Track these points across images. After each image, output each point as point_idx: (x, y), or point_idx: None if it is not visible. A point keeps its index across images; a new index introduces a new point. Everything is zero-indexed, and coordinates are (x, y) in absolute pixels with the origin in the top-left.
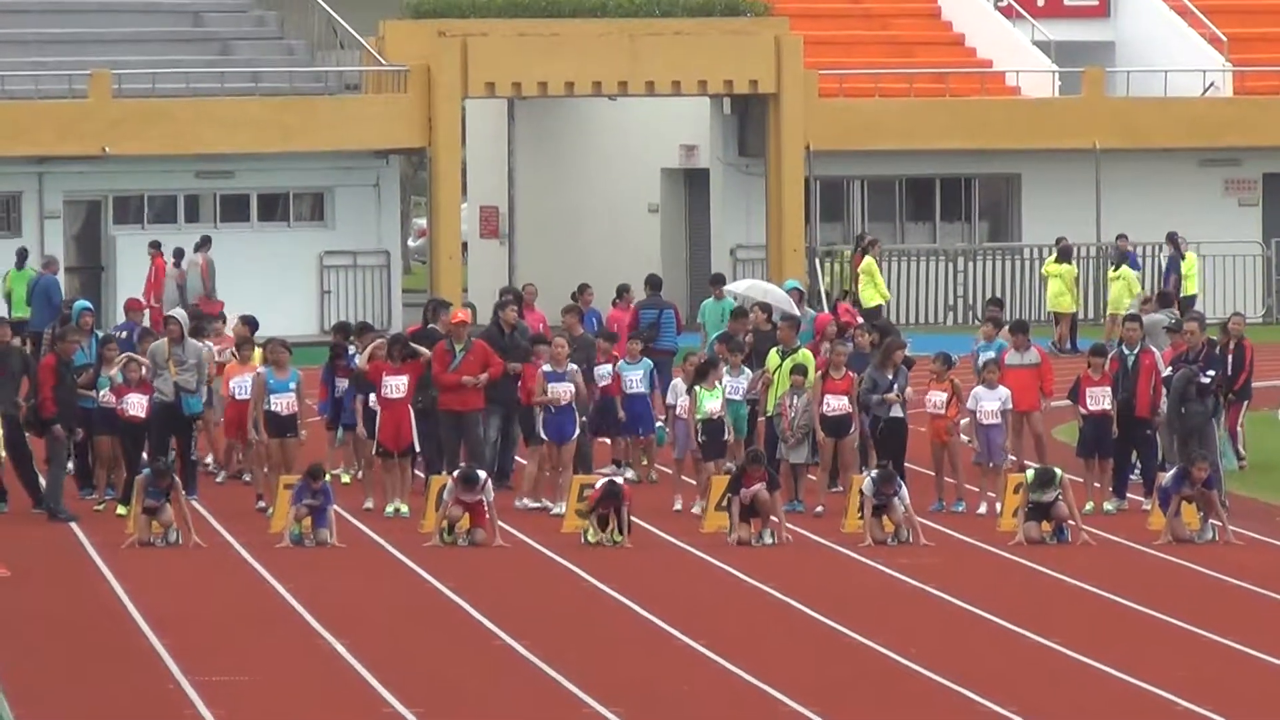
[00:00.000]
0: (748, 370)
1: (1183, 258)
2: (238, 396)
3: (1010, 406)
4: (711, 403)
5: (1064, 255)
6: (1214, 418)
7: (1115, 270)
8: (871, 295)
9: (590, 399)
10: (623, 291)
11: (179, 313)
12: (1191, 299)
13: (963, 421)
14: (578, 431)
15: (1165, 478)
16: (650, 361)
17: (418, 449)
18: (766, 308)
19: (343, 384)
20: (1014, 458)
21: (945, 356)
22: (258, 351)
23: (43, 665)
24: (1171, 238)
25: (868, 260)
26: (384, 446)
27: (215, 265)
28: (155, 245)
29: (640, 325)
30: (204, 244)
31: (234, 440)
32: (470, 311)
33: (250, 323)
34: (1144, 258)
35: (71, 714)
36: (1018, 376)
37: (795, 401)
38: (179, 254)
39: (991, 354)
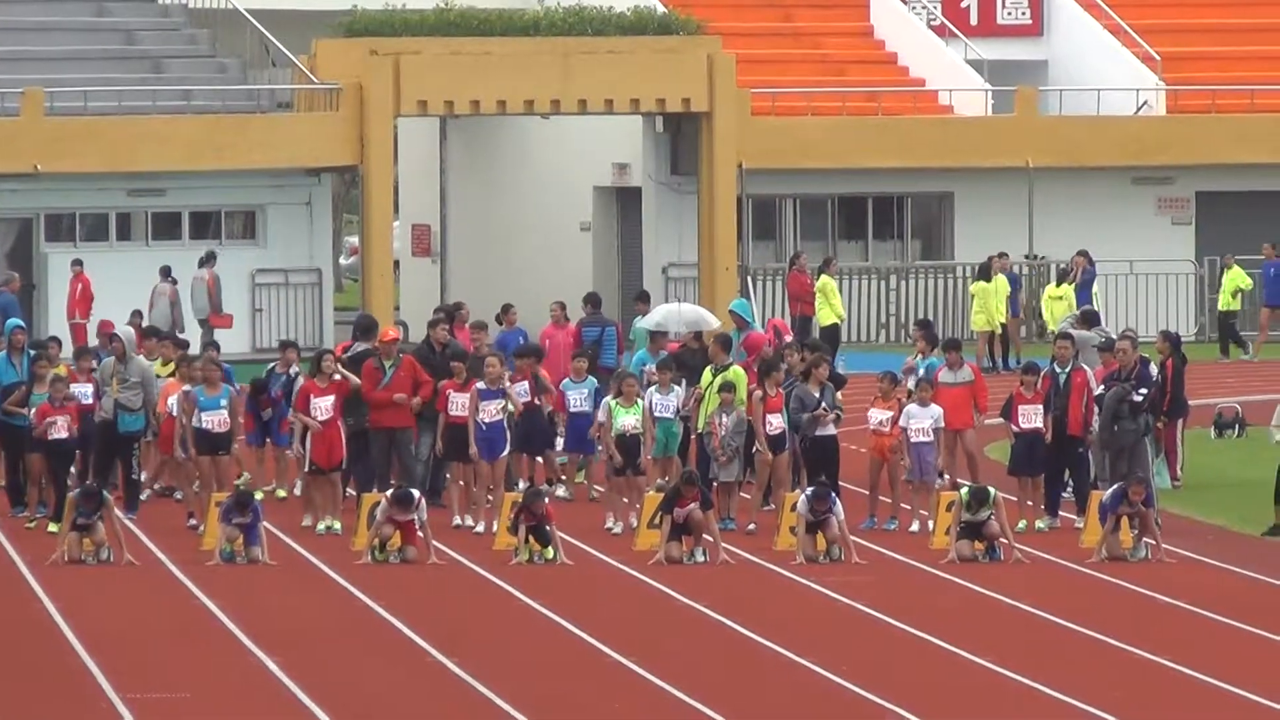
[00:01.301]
0: (677, 389)
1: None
2: (174, 413)
3: (943, 425)
4: (627, 419)
5: (983, 273)
6: (1145, 435)
7: (1058, 288)
8: (826, 314)
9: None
10: (506, 310)
11: (124, 330)
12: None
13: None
14: (507, 449)
15: (1106, 494)
16: (595, 380)
17: (345, 467)
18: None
19: (267, 413)
20: (946, 477)
21: (892, 376)
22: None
23: None
24: (1085, 255)
25: (825, 279)
26: (315, 464)
27: (220, 280)
28: (78, 263)
29: (583, 343)
30: (209, 260)
31: (168, 456)
32: (401, 329)
33: (180, 342)
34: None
35: None
36: (951, 395)
37: (725, 419)
38: (166, 271)
39: (922, 371)
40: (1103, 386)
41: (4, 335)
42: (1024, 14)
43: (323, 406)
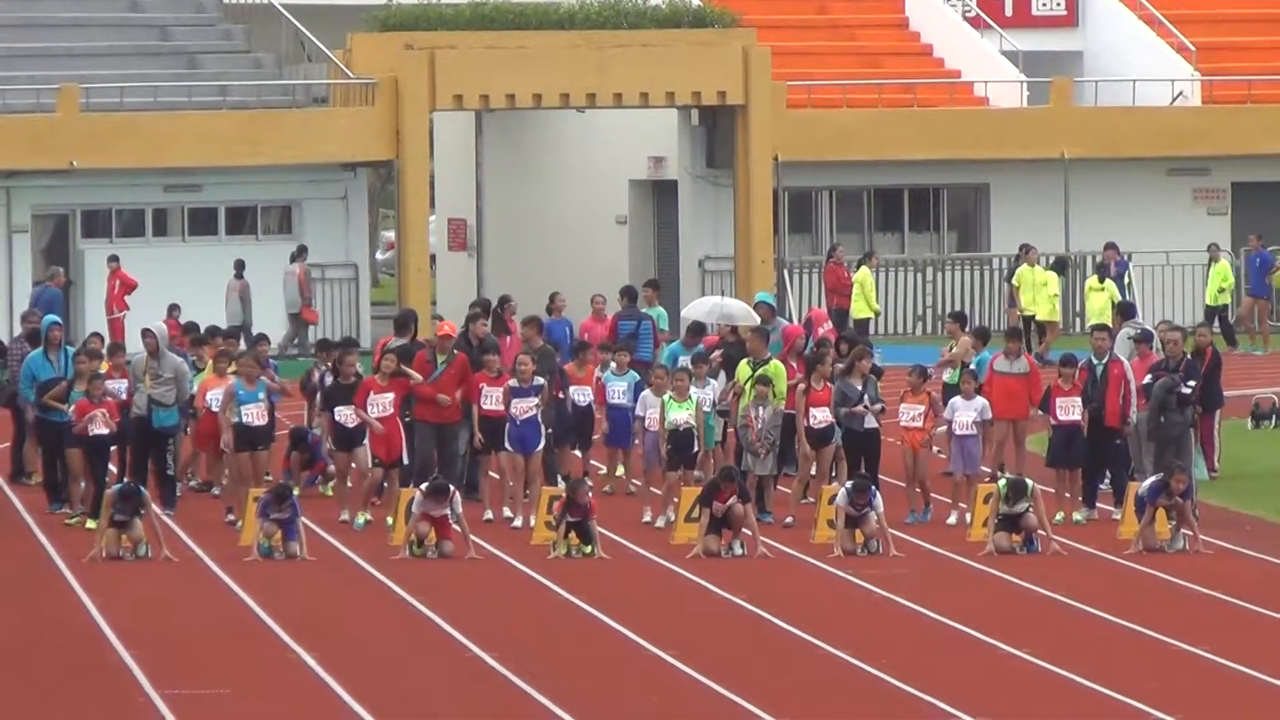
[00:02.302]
0: (713, 381)
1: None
2: (214, 409)
3: (988, 417)
4: (679, 414)
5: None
6: (1191, 427)
7: (1100, 282)
8: (861, 307)
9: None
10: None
11: (157, 326)
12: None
13: (937, 431)
14: (542, 443)
15: (1143, 486)
16: (636, 374)
17: (405, 461)
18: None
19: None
20: (998, 468)
21: (921, 370)
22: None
23: (11, 680)
24: (1114, 247)
25: (863, 271)
26: (377, 458)
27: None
28: (114, 259)
29: (619, 336)
30: (300, 254)
31: (205, 451)
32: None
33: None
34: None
35: None
36: (1007, 384)
37: (761, 413)
38: (240, 266)
39: (972, 366)
40: (1150, 377)
41: (42, 332)
42: (1059, 5)
43: (382, 403)
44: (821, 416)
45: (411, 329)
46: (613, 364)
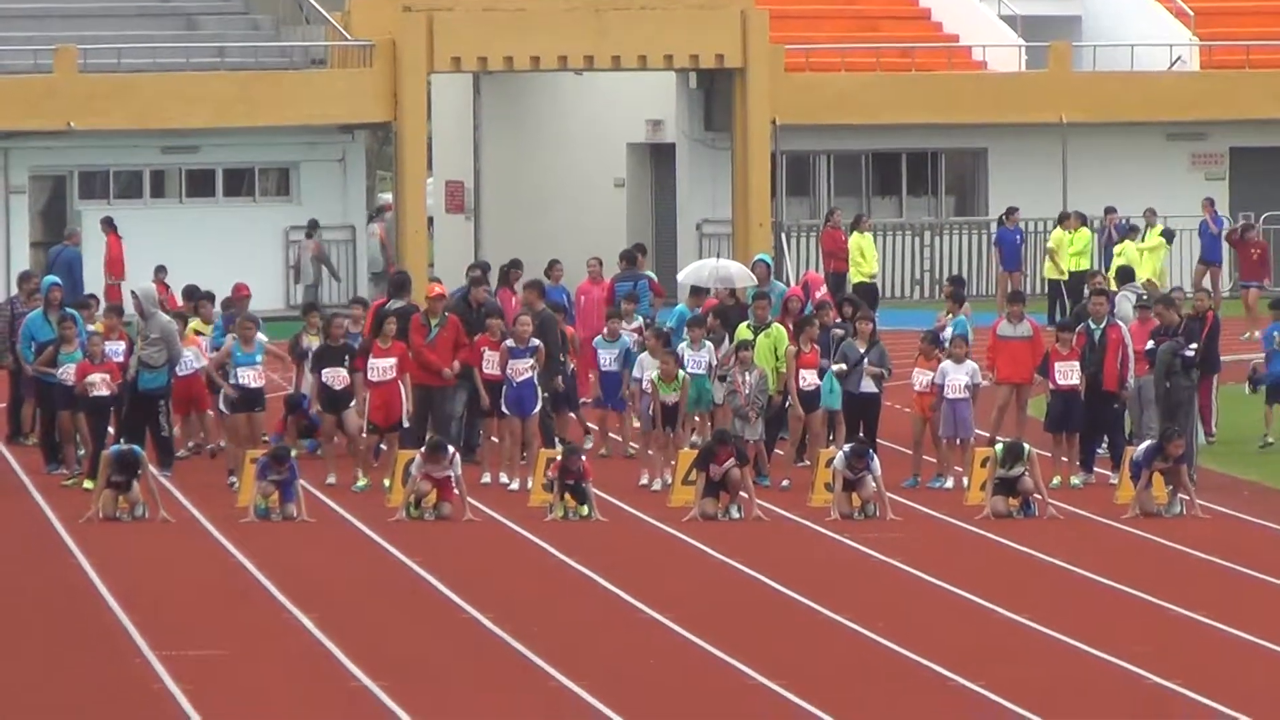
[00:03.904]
0: (709, 344)
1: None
2: (180, 372)
3: (979, 380)
4: (667, 395)
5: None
6: (1195, 391)
7: (1144, 241)
8: (859, 272)
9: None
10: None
11: (143, 287)
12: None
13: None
14: (539, 406)
15: (1137, 450)
16: (628, 340)
17: (405, 425)
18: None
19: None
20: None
21: (934, 335)
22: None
23: (7, 641)
24: (1113, 211)
25: (864, 237)
26: (374, 424)
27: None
28: (108, 222)
29: (616, 297)
30: (379, 214)
31: (184, 415)
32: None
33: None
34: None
35: (37, 690)
36: (1010, 349)
37: (748, 378)
38: (313, 225)
39: (949, 331)
40: (1152, 342)
41: (42, 292)
42: None
43: (383, 367)
44: (810, 379)
45: (408, 291)
46: (605, 331)
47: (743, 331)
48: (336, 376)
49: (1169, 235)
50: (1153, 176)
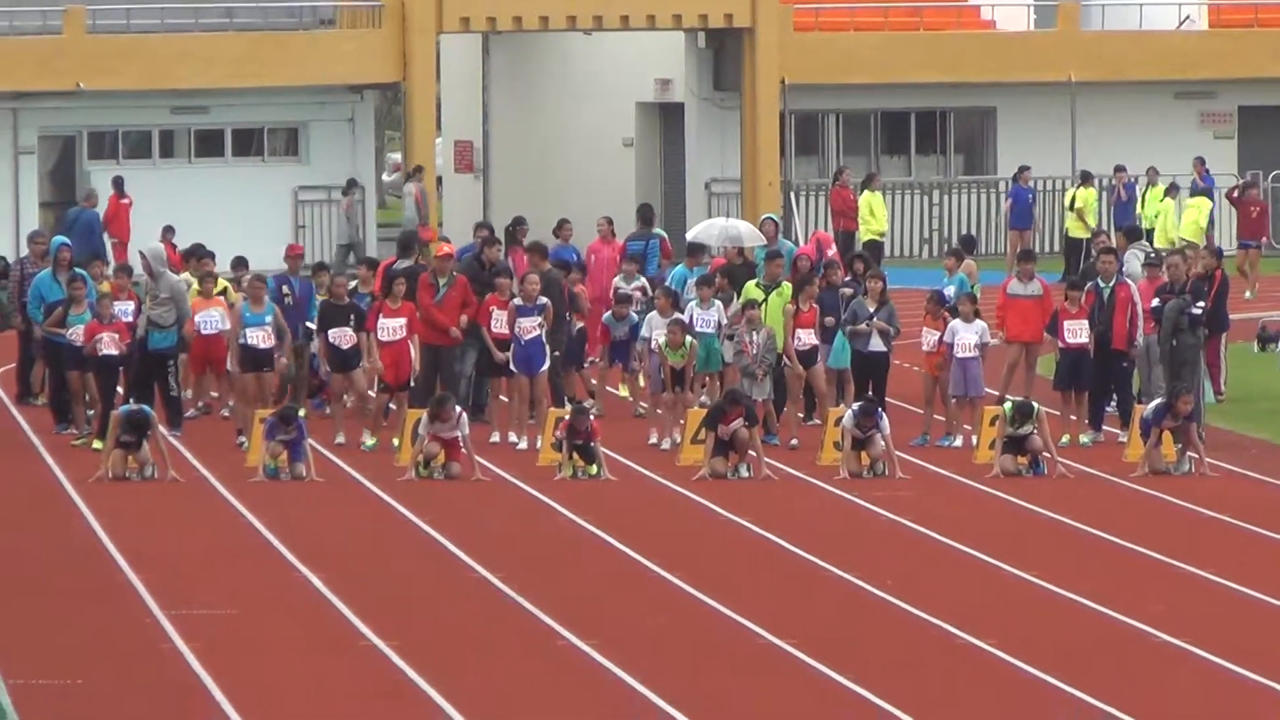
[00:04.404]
0: (718, 303)
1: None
2: (203, 331)
3: (989, 340)
4: (674, 360)
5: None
6: (1202, 349)
7: (1191, 199)
8: (869, 230)
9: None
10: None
11: (150, 248)
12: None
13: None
14: (547, 364)
15: (1147, 409)
16: (635, 317)
17: (414, 384)
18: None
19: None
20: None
21: (940, 295)
22: (222, 285)
23: (19, 599)
24: (1122, 170)
25: (874, 195)
26: (384, 383)
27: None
28: (118, 182)
29: (627, 256)
30: (417, 173)
31: (195, 374)
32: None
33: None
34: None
35: (48, 649)
36: (1021, 307)
37: (755, 337)
38: (351, 184)
39: (953, 288)
40: (1158, 300)
41: (51, 253)
42: None
43: (392, 327)
44: (806, 339)
45: (415, 250)
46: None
47: (751, 290)
48: (343, 336)
49: (1174, 190)
50: (1161, 135)
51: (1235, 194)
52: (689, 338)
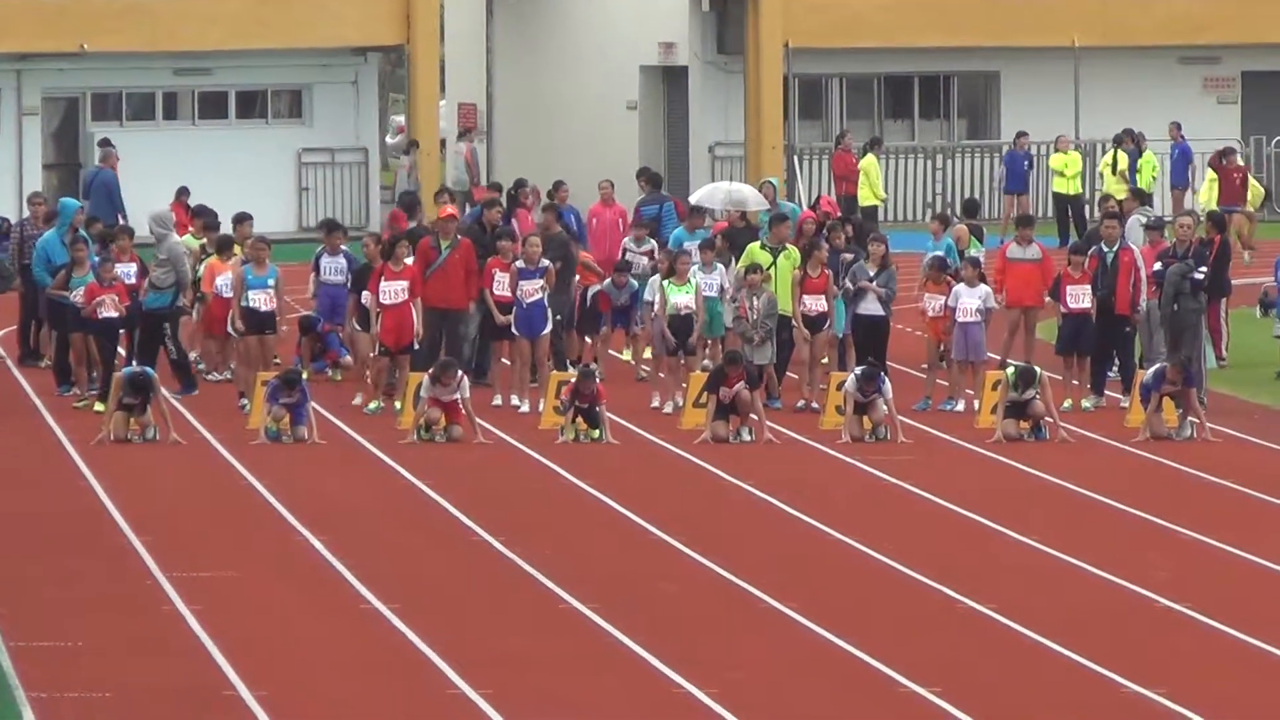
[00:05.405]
0: (720, 267)
1: (1140, 154)
2: (223, 295)
3: (992, 304)
4: (679, 297)
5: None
6: (1203, 314)
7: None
8: (866, 195)
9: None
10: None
11: (154, 211)
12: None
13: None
14: (549, 327)
15: (1147, 374)
16: (635, 284)
17: (416, 347)
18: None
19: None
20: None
21: (941, 260)
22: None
23: (21, 561)
24: (1130, 134)
25: (869, 159)
26: (385, 346)
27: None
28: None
29: (641, 220)
30: (465, 134)
31: (218, 336)
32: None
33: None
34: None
35: (50, 610)
36: (1020, 271)
37: (756, 302)
38: (415, 145)
39: (940, 252)
40: (1160, 264)
41: (63, 215)
42: None
43: (395, 290)
44: (813, 305)
45: (417, 212)
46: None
47: (755, 252)
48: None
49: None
50: (1165, 100)
51: (1218, 160)
52: (701, 277)
